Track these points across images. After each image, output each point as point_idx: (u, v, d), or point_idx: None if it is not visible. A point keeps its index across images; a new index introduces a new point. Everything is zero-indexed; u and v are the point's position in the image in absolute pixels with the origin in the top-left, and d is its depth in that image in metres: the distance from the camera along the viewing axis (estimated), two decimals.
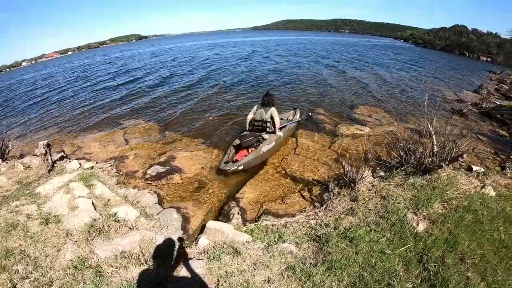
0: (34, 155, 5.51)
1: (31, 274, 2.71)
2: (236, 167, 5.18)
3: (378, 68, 19.12)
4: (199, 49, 35.90)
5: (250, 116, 6.09)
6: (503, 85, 15.25)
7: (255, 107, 6.09)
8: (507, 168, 5.30)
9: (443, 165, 4.38)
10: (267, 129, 5.95)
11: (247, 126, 6.11)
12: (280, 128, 6.16)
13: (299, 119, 7.38)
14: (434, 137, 4.84)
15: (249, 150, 5.69)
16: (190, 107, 9.98)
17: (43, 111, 11.47)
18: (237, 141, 5.83)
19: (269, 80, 14.36)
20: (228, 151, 5.70)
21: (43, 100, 13.57)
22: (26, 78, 26.15)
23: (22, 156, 6.25)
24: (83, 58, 41.90)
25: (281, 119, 6.87)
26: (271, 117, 5.87)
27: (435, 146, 4.79)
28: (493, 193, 4.20)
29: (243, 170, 5.38)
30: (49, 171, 4.94)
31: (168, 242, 3.26)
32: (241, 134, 5.97)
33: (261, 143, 5.72)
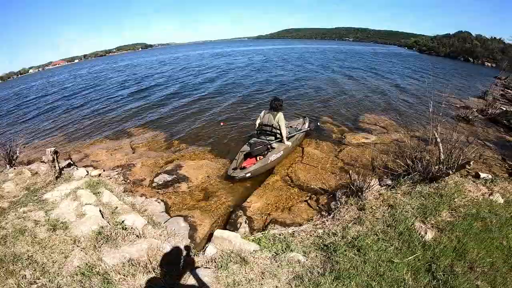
0: (41, 161, 5.55)
1: (38, 279, 2.72)
2: (244, 174, 5.23)
3: (383, 76, 19.12)
4: (206, 58, 36.07)
5: (258, 121, 6.14)
6: (509, 91, 15.16)
7: (262, 112, 6.13)
8: None
9: (450, 172, 4.36)
10: (277, 135, 5.95)
11: (256, 131, 6.18)
12: (288, 138, 6.17)
13: (308, 128, 7.34)
14: (440, 144, 4.82)
15: (257, 158, 5.73)
16: (197, 116, 10.03)
17: (51, 118, 11.59)
18: (245, 148, 5.88)
19: (276, 88, 14.49)
20: (236, 157, 5.72)
21: (51, 108, 13.74)
22: (34, 85, 26.48)
23: (29, 162, 6.30)
24: (90, 66, 42.33)
25: (290, 127, 6.92)
26: (278, 125, 5.87)
27: (441, 153, 4.77)
28: (501, 200, 4.16)
29: (250, 178, 5.40)
30: (57, 178, 4.98)
31: (176, 250, 3.28)
32: (250, 141, 6.02)
33: (270, 151, 5.75)
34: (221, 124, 8.51)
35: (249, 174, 5.30)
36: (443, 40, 55.07)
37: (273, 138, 5.96)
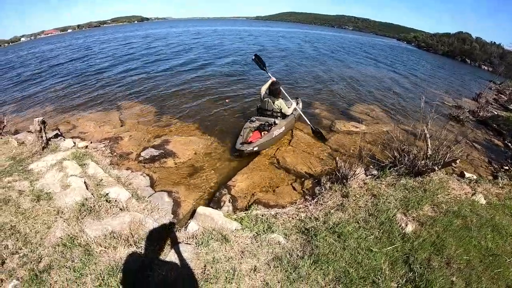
0: (28, 131, 5.45)
1: (20, 250, 2.70)
2: (251, 148, 5.37)
3: (379, 68, 19.15)
4: (204, 35, 35.37)
5: (262, 90, 6.28)
6: (502, 96, 15.28)
7: (262, 92, 6.27)
8: (499, 178, 5.31)
9: (436, 168, 4.41)
10: (278, 117, 6.16)
11: (261, 98, 6.30)
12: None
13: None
14: (428, 140, 4.86)
15: (262, 133, 5.87)
16: (188, 92, 9.90)
17: (40, 87, 11.24)
18: (248, 124, 6.05)
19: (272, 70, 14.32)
20: (241, 133, 5.80)
21: (41, 77, 13.30)
22: (25, 54, 25.69)
23: (16, 132, 6.18)
24: (84, 37, 41.04)
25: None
26: (280, 109, 6.07)
27: (429, 149, 4.82)
28: (483, 201, 4.24)
29: (257, 152, 5.61)
30: (43, 148, 4.89)
31: (158, 225, 3.28)
32: (252, 118, 6.20)
33: (273, 126, 5.92)
34: (226, 101, 8.65)
35: (256, 148, 5.46)
36: (443, 39, 55.04)
37: (273, 119, 6.11)
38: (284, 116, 6.18)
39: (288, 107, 6.24)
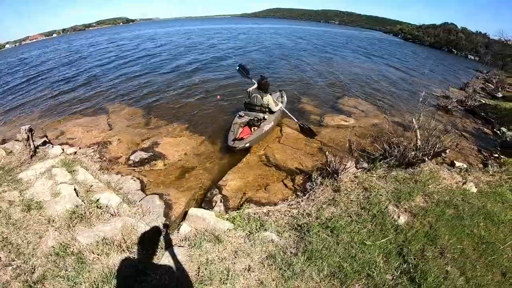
0: (16, 140, 5.36)
1: (13, 261, 2.66)
2: (243, 145, 5.48)
3: (366, 61, 19.23)
4: (192, 34, 35.11)
5: (250, 89, 6.42)
6: (489, 84, 15.47)
7: (250, 89, 6.38)
8: (489, 166, 5.37)
9: (426, 159, 4.45)
10: (266, 112, 6.24)
11: (249, 93, 6.37)
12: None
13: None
14: (418, 131, 4.90)
15: (252, 129, 5.97)
16: (176, 92, 9.83)
17: (27, 94, 10.97)
18: (237, 120, 6.13)
19: (258, 66, 14.37)
20: (232, 129, 5.88)
21: (27, 84, 13.00)
22: (9, 61, 25.23)
23: (4, 141, 6.06)
24: (69, 41, 40.35)
25: None
26: (267, 104, 6.20)
27: (418, 140, 4.86)
28: (474, 190, 4.28)
29: (248, 148, 5.73)
30: (32, 156, 4.80)
31: (150, 229, 3.24)
32: (240, 113, 6.30)
33: (262, 122, 6.05)
34: (218, 97, 8.66)
35: (248, 144, 5.55)
36: (429, 30, 55.40)
37: (261, 114, 6.18)
38: (271, 111, 6.27)
39: (276, 105, 6.33)
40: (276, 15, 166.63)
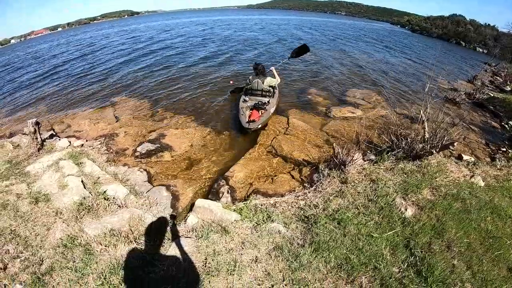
0: (23, 134, 5.39)
1: (21, 253, 2.68)
2: (257, 126, 5.84)
3: (374, 52, 18.99)
4: (197, 26, 34.88)
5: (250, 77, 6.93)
6: (498, 78, 15.29)
7: (250, 77, 6.81)
8: (497, 160, 5.33)
9: (434, 152, 4.41)
10: (267, 96, 6.80)
11: (249, 80, 6.89)
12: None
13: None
14: (426, 123, 4.85)
15: (260, 111, 6.25)
16: (182, 84, 9.79)
17: (33, 88, 11.02)
18: (242, 104, 6.51)
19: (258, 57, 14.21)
20: (242, 113, 6.21)
21: (33, 78, 13.03)
22: (17, 55, 25.30)
23: (11, 135, 6.11)
24: (74, 35, 40.35)
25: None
26: (270, 86, 6.76)
27: (426, 132, 4.81)
28: (482, 183, 4.24)
29: (260, 128, 6.12)
30: (39, 149, 4.84)
31: (157, 220, 3.26)
32: (244, 98, 6.78)
33: (268, 105, 6.47)
34: (231, 82, 8.77)
35: (260, 125, 5.95)
36: (437, 22, 54.75)
37: (265, 98, 6.59)
38: (272, 94, 6.81)
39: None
40: (282, 6, 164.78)
